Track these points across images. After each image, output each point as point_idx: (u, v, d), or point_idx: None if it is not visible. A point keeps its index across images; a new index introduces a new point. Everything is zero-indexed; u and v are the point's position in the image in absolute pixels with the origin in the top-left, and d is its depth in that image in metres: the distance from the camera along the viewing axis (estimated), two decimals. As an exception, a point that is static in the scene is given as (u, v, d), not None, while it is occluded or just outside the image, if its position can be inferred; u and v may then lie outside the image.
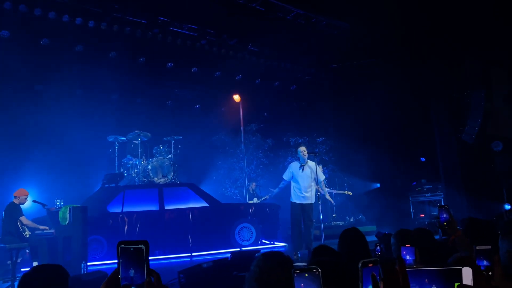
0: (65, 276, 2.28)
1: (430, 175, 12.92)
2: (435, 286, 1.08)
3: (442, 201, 12.24)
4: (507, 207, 10.76)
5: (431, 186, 12.68)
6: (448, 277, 1.08)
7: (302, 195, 7.71)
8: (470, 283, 1.07)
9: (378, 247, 4.27)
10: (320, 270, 1.14)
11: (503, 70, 11.91)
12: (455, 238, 2.69)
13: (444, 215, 2.80)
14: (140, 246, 1.13)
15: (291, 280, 2.07)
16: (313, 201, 7.76)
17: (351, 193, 12.10)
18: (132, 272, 1.12)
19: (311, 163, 7.86)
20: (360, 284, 1.11)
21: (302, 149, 7.75)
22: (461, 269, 1.08)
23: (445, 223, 2.78)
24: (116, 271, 1.15)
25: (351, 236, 3.26)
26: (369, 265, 1.09)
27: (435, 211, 12.25)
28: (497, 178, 11.36)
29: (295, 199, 7.85)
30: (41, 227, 7.24)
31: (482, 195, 10.86)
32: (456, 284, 1.08)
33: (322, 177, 7.95)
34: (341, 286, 1.99)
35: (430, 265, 1.11)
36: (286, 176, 7.98)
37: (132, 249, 1.13)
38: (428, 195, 12.58)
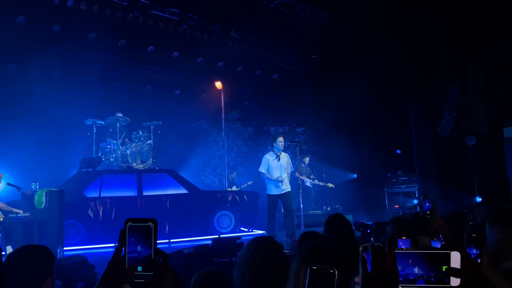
0: (51, 256, 2.23)
1: (405, 167, 13.22)
2: (418, 268, 1.06)
3: (417, 193, 12.56)
4: (478, 199, 11.13)
5: (406, 178, 12.99)
6: (434, 260, 1.06)
7: (279, 185, 7.69)
8: (458, 267, 1.06)
9: (372, 238, 4.31)
10: (336, 272, 1.11)
11: (479, 66, 12.20)
12: (437, 226, 2.78)
13: (427, 204, 2.88)
14: (148, 224, 1.09)
15: (286, 266, 2.09)
16: (290, 189, 7.77)
17: (333, 186, 12.20)
18: (139, 248, 1.08)
19: (284, 154, 7.92)
20: (360, 267, 1.12)
21: (281, 139, 7.79)
22: (449, 253, 1.06)
23: (428, 212, 2.86)
24: (118, 250, 1.10)
25: (337, 222, 3.31)
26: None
27: (409, 202, 12.58)
28: (469, 171, 11.71)
29: (271, 191, 7.76)
30: (15, 210, 7.06)
31: (455, 187, 11.18)
32: (444, 267, 1.08)
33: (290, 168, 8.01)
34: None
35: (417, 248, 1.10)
36: (262, 168, 7.94)
37: (140, 227, 1.09)
38: (403, 187, 12.89)
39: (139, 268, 1.08)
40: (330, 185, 12.18)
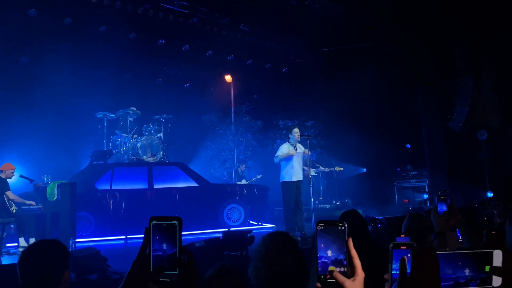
0: (65, 249, 2.25)
1: (415, 162, 13.13)
2: (469, 269, 1.06)
3: (427, 188, 12.48)
4: (490, 194, 11.03)
5: (416, 173, 12.90)
6: (479, 259, 1.06)
7: (296, 172, 7.72)
8: (500, 265, 1.05)
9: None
10: (346, 225, 1.04)
11: (491, 59, 12.03)
12: (455, 222, 2.74)
13: (445, 199, 2.84)
14: (173, 222, 1.07)
15: (299, 258, 2.08)
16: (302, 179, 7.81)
17: (342, 169, 12.02)
18: (164, 246, 1.07)
19: (299, 144, 7.95)
20: (390, 265, 1.11)
21: (297, 130, 7.84)
22: (492, 252, 1.06)
23: (446, 207, 2.82)
24: (143, 249, 1.08)
25: (352, 219, 3.26)
26: (402, 247, 1.08)
27: (419, 197, 12.50)
28: (481, 166, 11.59)
29: (289, 178, 7.73)
30: (27, 202, 7.14)
31: (466, 182, 11.08)
32: (487, 268, 1.06)
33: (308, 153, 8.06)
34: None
35: (461, 248, 1.08)
36: (279, 152, 7.87)
37: (165, 225, 1.07)
38: (412, 181, 12.81)
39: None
40: (338, 168, 11.96)
